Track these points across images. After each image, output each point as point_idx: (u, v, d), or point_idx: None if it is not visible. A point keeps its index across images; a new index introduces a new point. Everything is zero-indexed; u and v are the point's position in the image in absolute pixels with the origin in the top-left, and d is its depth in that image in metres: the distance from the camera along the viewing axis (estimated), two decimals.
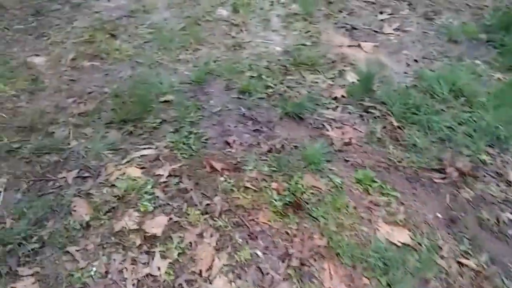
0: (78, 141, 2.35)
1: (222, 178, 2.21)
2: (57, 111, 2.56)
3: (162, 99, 2.70)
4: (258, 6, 3.78)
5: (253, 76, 3.01)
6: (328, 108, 2.83)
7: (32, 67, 2.86)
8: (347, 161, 2.45)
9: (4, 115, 2.47)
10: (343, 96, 2.95)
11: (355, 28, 3.67)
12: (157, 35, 3.28)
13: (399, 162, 2.46)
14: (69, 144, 2.32)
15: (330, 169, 2.36)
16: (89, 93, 2.71)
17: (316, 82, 3.05)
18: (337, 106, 2.86)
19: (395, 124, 2.71)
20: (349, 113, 2.81)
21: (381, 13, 3.92)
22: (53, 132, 2.40)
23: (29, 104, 2.59)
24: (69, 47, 3.09)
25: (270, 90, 2.91)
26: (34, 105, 2.58)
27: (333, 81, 3.07)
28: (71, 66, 2.92)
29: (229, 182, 2.19)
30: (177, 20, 3.50)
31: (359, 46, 3.49)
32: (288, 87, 2.96)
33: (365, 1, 4.04)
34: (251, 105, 2.75)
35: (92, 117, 2.52)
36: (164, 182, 2.15)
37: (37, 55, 2.98)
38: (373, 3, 4.05)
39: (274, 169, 2.30)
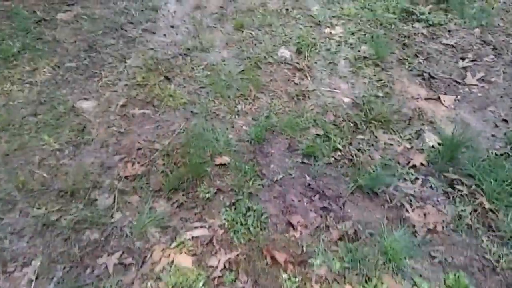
0: (122, 213, 2.08)
1: (285, 275, 1.86)
2: (102, 171, 2.31)
3: (218, 161, 2.40)
4: (324, 47, 3.43)
5: (318, 135, 2.65)
6: (406, 180, 2.43)
7: (80, 114, 2.65)
8: (433, 257, 2.03)
9: (45, 174, 2.24)
10: (422, 164, 2.54)
11: (433, 77, 3.23)
12: (214, 79, 2.99)
13: (497, 261, 2.02)
14: (112, 216, 2.06)
15: (414, 268, 1.95)
16: (138, 149, 2.45)
17: (391, 144, 2.65)
18: (416, 178, 2.45)
19: (487, 206, 2.27)
20: (431, 187, 2.40)
21: (462, 59, 3.44)
22: (96, 200, 2.14)
23: (73, 161, 2.36)
24: (120, 91, 2.86)
25: (338, 153, 2.55)
26: (78, 162, 2.35)
27: (410, 143, 2.66)
28: (121, 114, 2.68)
29: (294, 282, 1.83)
30: (236, 61, 3.21)
31: (438, 99, 3.05)
32: (358, 150, 2.58)
33: (443, 44, 3.58)
34: (317, 173, 2.39)
35: (139, 182, 2.25)
36: (218, 277, 1.82)
37: (86, 99, 2.77)
38: (452, 46, 3.58)
39: (347, 265, 1.92)
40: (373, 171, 2.42)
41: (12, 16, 3.46)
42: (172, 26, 3.56)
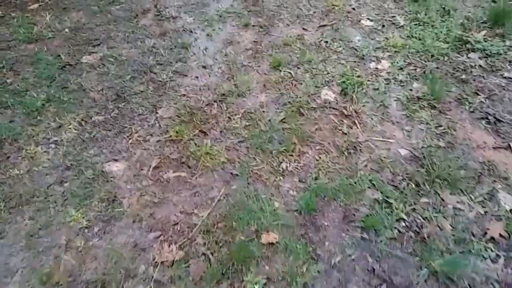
0: None
1: None
2: (135, 254, 2.04)
3: (265, 239, 2.10)
4: (371, 86, 3.09)
5: (377, 200, 2.33)
6: (485, 258, 2.07)
7: (109, 180, 2.39)
8: None
9: (73, 260, 1.98)
10: (501, 236, 2.18)
11: (499, 120, 2.85)
12: (254, 131, 2.70)
13: None
14: None
15: None
16: (175, 224, 2.17)
17: (461, 210, 2.29)
18: (497, 255, 2.09)
19: None
20: None
21: None
22: None
23: (102, 241, 2.10)
24: (152, 149, 2.60)
25: (402, 223, 2.22)
26: (109, 243, 2.09)
27: (483, 207, 2.31)
28: (154, 179, 2.41)
29: None
30: (276, 107, 2.91)
31: (508, 147, 2.67)
32: (424, 218, 2.25)
33: (506, 78, 3.19)
34: (380, 252, 2.07)
35: (178, 269, 1.97)
36: None
37: (115, 160, 2.51)
38: None
39: None
40: (446, 249, 2.08)
41: (36, 62, 3.25)
42: (204, 67, 3.29)
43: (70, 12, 3.91)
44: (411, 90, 3.08)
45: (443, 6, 3.88)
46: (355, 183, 2.41)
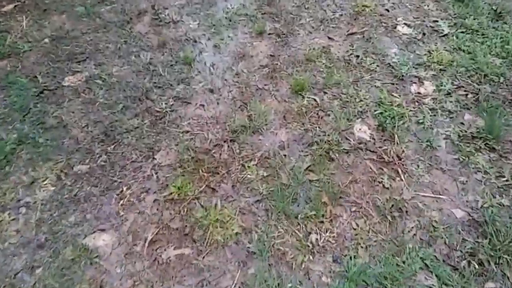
0: None
1: None
2: None
3: None
4: (413, 119, 2.54)
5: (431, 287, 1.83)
6: None
7: (93, 261, 1.90)
8: None
9: None
10: None
11: None
12: (273, 185, 2.19)
13: None
14: None
15: None
16: None
17: None
18: None
19: None
20: None
21: None
22: None
23: None
24: (147, 213, 2.09)
25: None
26: None
27: None
28: (150, 259, 1.92)
29: None
30: (299, 150, 2.38)
31: None
32: None
33: None
34: None
35: None
36: None
37: (102, 230, 2.01)
38: None
39: None
40: None
41: (7, 86, 2.69)
42: (211, 90, 2.73)
43: (51, 15, 3.30)
44: (462, 124, 2.54)
45: (493, 7, 3.25)
46: (403, 262, 1.92)
